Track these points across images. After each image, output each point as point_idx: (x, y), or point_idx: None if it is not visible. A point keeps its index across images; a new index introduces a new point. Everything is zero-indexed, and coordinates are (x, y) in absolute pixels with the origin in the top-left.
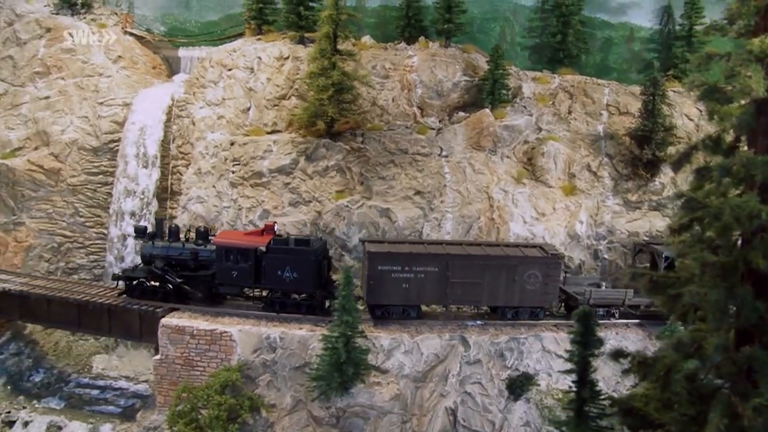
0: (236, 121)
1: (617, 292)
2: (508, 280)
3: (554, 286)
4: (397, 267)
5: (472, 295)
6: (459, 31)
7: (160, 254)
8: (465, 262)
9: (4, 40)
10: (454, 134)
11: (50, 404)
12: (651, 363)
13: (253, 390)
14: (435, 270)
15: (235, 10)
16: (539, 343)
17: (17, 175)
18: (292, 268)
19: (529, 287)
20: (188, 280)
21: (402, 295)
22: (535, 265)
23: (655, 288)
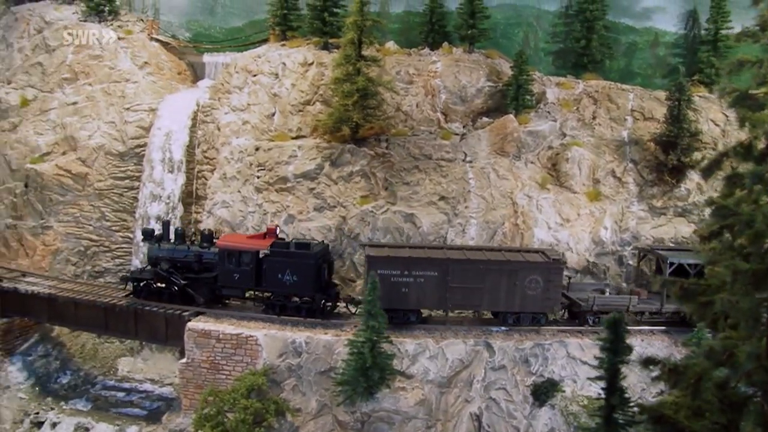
0: (261, 126)
1: (621, 298)
2: (509, 285)
3: (556, 292)
4: (397, 271)
5: (472, 300)
6: (482, 37)
7: (165, 256)
8: (465, 267)
9: (33, 47)
10: (478, 140)
11: (77, 406)
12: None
13: (279, 394)
14: (434, 275)
15: (260, 17)
16: (564, 350)
17: (45, 180)
18: (292, 272)
19: (530, 292)
20: (192, 282)
21: (402, 299)
22: (537, 271)
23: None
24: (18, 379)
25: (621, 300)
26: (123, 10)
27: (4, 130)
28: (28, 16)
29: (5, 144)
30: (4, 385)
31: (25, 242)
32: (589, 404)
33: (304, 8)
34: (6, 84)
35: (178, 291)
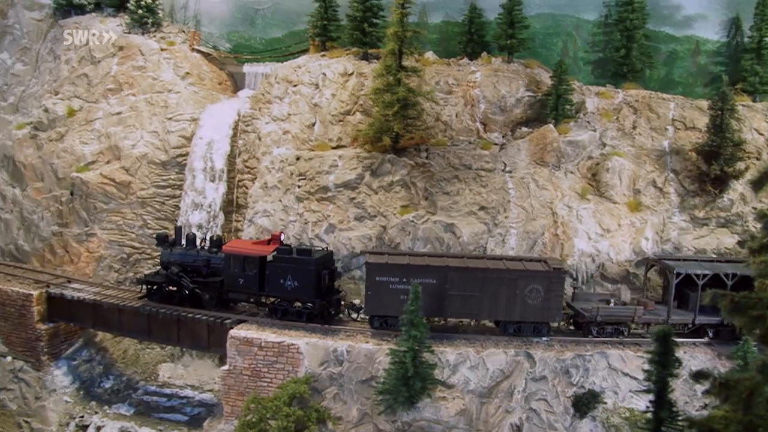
0: (302, 136)
1: (626, 309)
2: (508, 294)
3: (557, 302)
4: (395, 278)
5: (471, 308)
6: (521, 47)
7: (176, 260)
8: (463, 275)
9: (79, 59)
10: (518, 150)
11: (120, 410)
12: (733, 385)
13: (320, 402)
14: (433, 282)
15: (299, 27)
16: (605, 361)
17: (90, 188)
18: (293, 277)
19: (530, 302)
20: (201, 286)
21: (400, 306)
22: (537, 279)
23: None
24: (63, 382)
25: (626, 311)
26: (165, 21)
27: (52, 140)
28: (74, 28)
29: (52, 153)
30: (50, 388)
31: (70, 249)
32: (631, 416)
33: (344, 19)
34: (54, 95)
35: (187, 294)
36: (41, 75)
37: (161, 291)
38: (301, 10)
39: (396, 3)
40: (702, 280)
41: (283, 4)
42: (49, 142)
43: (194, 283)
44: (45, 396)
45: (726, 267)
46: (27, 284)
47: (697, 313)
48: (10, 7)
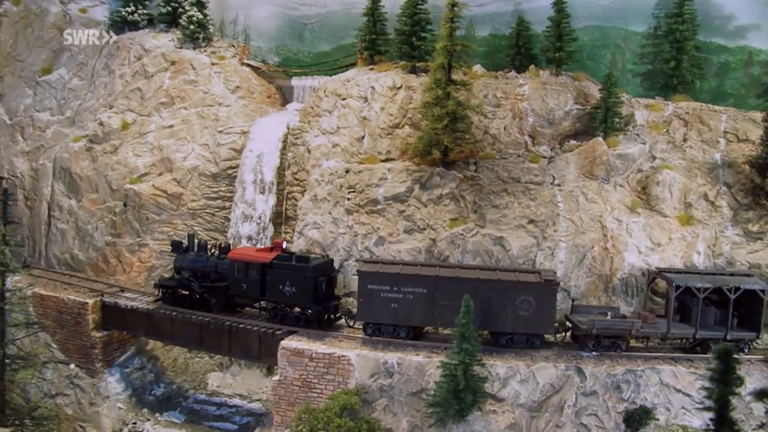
0: (351, 149)
1: (623, 322)
2: (499, 304)
3: (550, 313)
4: (386, 287)
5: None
6: (570, 59)
7: (188, 266)
8: (453, 285)
9: (133, 74)
10: (567, 163)
11: (171, 418)
12: None
13: (370, 414)
14: (423, 291)
15: (347, 41)
16: (657, 377)
17: (143, 199)
18: (292, 283)
19: (522, 313)
20: (209, 290)
21: (391, 314)
22: (528, 291)
23: None
24: (116, 389)
25: (622, 324)
26: (216, 36)
27: (106, 152)
28: (128, 44)
29: (107, 165)
30: (104, 395)
31: (123, 259)
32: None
33: (392, 33)
34: (108, 108)
35: (197, 297)
36: (96, 89)
37: (174, 294)
38: (348, 24)
39: (445, 17)
40: (702, 293)
41: (330, 19)
42: (104, 155)
43: (203, 288)
44: (99, 402)
45: (730, 280)
46: (82, 293)
47: (699, 328)
48: (68, 25)
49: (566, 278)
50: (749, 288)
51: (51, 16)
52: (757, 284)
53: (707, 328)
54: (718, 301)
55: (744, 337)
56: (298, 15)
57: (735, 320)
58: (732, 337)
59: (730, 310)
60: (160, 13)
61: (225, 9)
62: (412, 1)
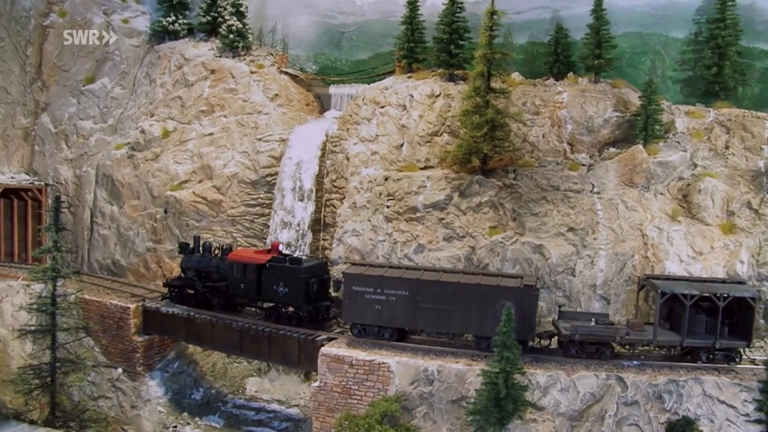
0: (390, 156)
1: (607, 328)
2: (480, 309)
3: (530, 319)
4: (370, 288)
5: (442, 321)
6: (609, 67)
7: (192, 266)
8: (434, 288)
9: (174, 82)
10: (606, 170)
11: (211, 422)
12: None
13: (410, 421)
14: (405, 294)
15: (384, 49)
16: (699, 387)
17: (183, 206)
18: (285, 284)
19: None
20: (211, 289)
21: (375, 316)
22: (508, 295)
23: None
24: (157, 393)
25: (606, 330)
26: (254, 45)
27: (148, 160)
28: (169, 53)
29: (148, 172)
30: (145, 398)
31: (163, 264)
32: None
33: (430, 41)
34: (149, 116)
35: (201, 296)
36: (138, 98)
37: (181, 293)
38: (386, 32)
39: (484, 25)
40: (689, 300)
41: (368, 27)
42: (145, 162)
43: (205, 287)
44: (140, 405)
45: (719, 288)
46: (124, 298)
47: (686, 335)
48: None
49: (606, 287)
50: (738, 295)
51: (94, 27)
52: (747, 292)
53: (696, 336)
54: (710, 309)
55: (733, 346)
56: (335, 23)
57: (726, 328)
58: (721, 345)
59: (719, 317)
60: (200, 22)
61: (263, 18)
62: (450, 9)
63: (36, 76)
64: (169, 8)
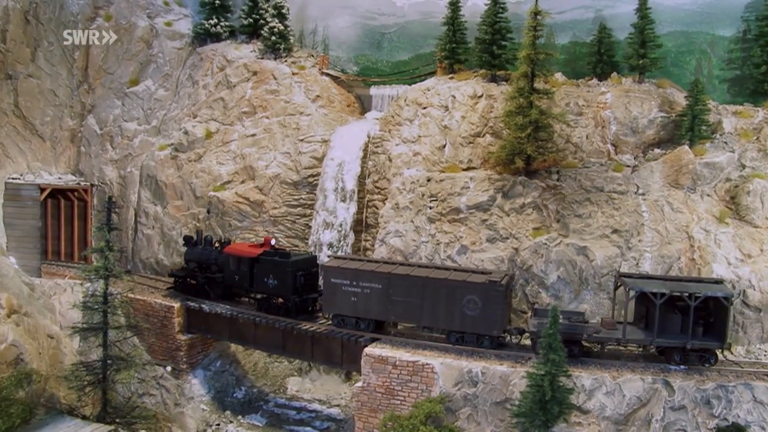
0: (432, 157)
1: (574, 326)
2: (448, 303)
3: (496, 314)
4: (346, 281)
5: (412, 314)
6: (654, 66)
7: (194, 258)
8: (405, 282)
9: (216, 84)
10: (651, 172)
11: (253, 421)
12: None
13: (454, 422)
14: (378, 287)
15: (425, 50)
16: (749, 393)
17: (226, 207)
18: (274, 277)
19: (469, 312)
20: (210, 280)
21: (351, 307)
22: (474, 291)
23: None
24: (200, 391)
25: (573, 328)
26: (295, 46)
27: (191, 160)
28: (211, 55)
29: (191, 173)
30: (188, 396)
31: None
32: None
33: (471, 41)
34: (192, 118)
35: (201, 286)
36: (181, 99)
37: (184, 283)
38: (427, 33)
39: (528, 26)
40: (660, 299)
41: (409, 28)
42: (188, 163)
43: (205, 278)
44: (183, 403)
45: (692, 287)
46: (168, 297)
47: (657, 335)
48: (154, 38)
49: None
50: (711, 295)
51: (139, 30)
52: (720, 291)
53: (668, 336)
54: (686, 309)
55: (707, 347)
56: (376, 24)
57: (700, 329)
58: (693, 346)
59: (690, 317)
60: (242, 24)
61: (304, 20)
62: (492, 10)
63: (82, 79)
64: (211, 11)
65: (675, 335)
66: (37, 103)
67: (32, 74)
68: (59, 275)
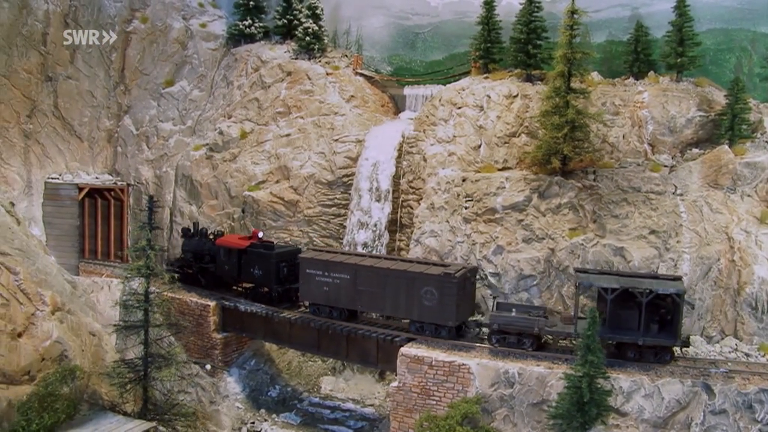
0: (467, 158)
1: (525, 319)
2: (408, 294)
3: (450, 305)
4: (319, 271)
5: (376, 303)
6: (692, 65)
7: (190, 248)
8: (369, 273)
9: (251, 84)
10: (689, 172)
11: (288, 419)
12: None
13: (490, 423)
14: (347, 277)
15: (459, 50)
16: None
17: (261, 206)
18: (259, 267)
19: (426, 303)
20: (201, 270)
21: (324, 296)
22: (431, 282)
23: None
24: (235, 389)
25: (524, 321)
26: (329, 47)
27: (226, 160)
28: (245, 56)
29: (226, 173)
30: (223, 394)
31: None
32: None
33: (506, 41)
34: (227, 118)
35: (194, 275)
36: (215, 100)
37: (181, 271)
38: (461, 33)
39: (564, 24)
40: (610, 294)
41: (443, 28)
42: (223, 162)
43: (198, 268)
44: (219, 401)
45: (644, 283)
46: (204, 296)
47: (608, 331)
48: (189, 39)
49: (691, 291)
50: (662, 292)
51: (174, 31)
52: (673, 288)
53: (621, 333)
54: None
55: (660, 344)
56: (410, 24)
57: (656, 326)
58: (645, 342)
59: (642, 313)
60: (276, 25)
61: (338, 20)
62: (528, 9)
63: (119, 80)
64: (245, 12)
65: (628, 331)
66: (76, 104)
67: (71, 76)
68: (96, 273)
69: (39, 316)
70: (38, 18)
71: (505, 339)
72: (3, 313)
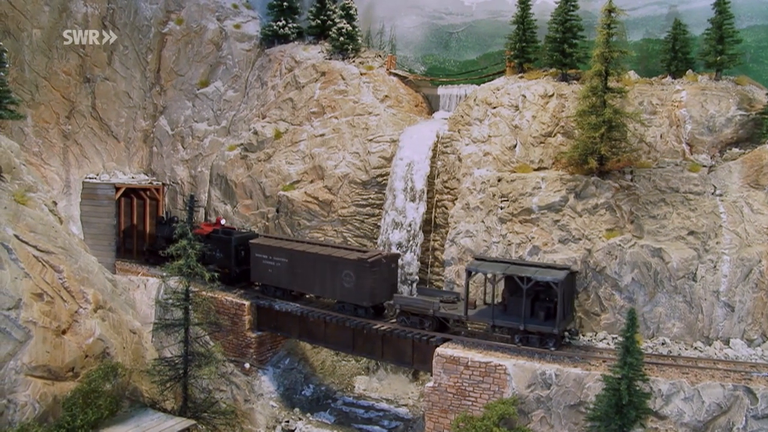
0: (502, 158)
1: (422, 301)
2: (332, 276)
3: (366, 287)
4: (265, 256)
5: (307, 284)
6: (732, 63)
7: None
8: (302, 257)
9: (285, 85)
10: (729, 172)
11: (322, 418)
12: None
13: (526, 424)
14: (285, 261)
15: (493, 49)
16: None
17: (295, 206)
18: (220, 251)
19: (346, 285)
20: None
21: (269, 277)
22: (349, 266)
23: None
24: (270, 388)
25: (421, 303)
26: (363, 47)
27: (261, 160)
28: (279, 57)
29: (261, 172)
30: (257, 393)
31: None
32: None
33: (541, 40)
34: (261, 118)
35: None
36: (250, 100)
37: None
38: (495, 33)
39: (601, 23)
40: (495, 281)
41: (476, 27)
42: (258, 162)
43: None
44: (253, 399)
45: (528, 271)
46: (238, 295)
47: (494, 315)
48: (223, 40)
49: (730, 293)
50: (540, 279)
51: (209, 32)
52: (549, 276)
53: (507, 318)
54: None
55: (540, 330)
56: (444, 24)
57: (542, 312)
58: (525, 327)
59: (523, 300)
60: (310, 26)
61: (371, 20)
62: (563, 8)
63: (155, 81)
64: (279, 13)
65: (513, 317)
66: (113, 105)
67: (108, 77)
68: (133, 272)
69: (82, 313)
70: (77, 21)
71: (408, 319)
72: (48, 310)
